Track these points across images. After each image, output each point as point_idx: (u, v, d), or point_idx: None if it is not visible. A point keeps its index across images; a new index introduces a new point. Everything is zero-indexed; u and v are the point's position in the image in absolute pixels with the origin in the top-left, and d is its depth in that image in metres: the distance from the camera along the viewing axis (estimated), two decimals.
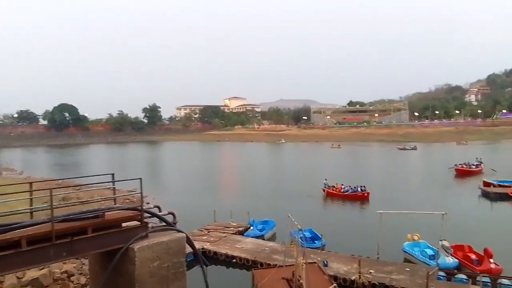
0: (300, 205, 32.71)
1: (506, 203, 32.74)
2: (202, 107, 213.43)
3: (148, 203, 17.74)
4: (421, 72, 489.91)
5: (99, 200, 15.06)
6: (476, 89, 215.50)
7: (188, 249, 11.92)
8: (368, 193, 34.57)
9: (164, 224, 11.52)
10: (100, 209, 10.57)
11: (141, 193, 11.53)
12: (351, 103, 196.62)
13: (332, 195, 36.53)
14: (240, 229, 24.30)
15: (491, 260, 17.26)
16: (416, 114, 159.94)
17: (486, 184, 37.15)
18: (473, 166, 51.37)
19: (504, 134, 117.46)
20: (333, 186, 37.49)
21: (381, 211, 19.05)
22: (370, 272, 16.25)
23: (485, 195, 35.27)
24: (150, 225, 11.25)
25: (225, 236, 22.55)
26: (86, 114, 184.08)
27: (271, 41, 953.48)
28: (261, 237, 23.16)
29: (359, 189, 35.45)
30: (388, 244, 20.34)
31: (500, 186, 36.04)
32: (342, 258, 18.42)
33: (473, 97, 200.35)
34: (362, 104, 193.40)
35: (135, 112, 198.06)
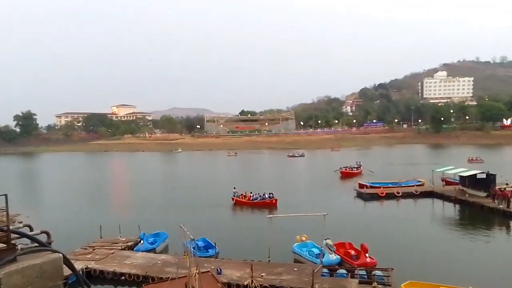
0: (197, 215, 32.38)
1: (377, 202, 37.03)
2: (86, 115, 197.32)
3: (21, 222, 15.63)
4: (306, 85, 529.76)
5: None
6: (351, 101, 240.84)
7: (68, 271, 10.73)
8: (276, 200, 35.37)
9: (36, 245, 10.17)
10: None
11: (6, 211, 10.01)
12: (243, 112, 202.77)
13: (241, 203, 36.52)
14: (130, 243, 22.96)
15: (367, 255, 19.26)
16: (302, 123, 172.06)
17: (361, 186, 41.55)
18: (354, 169, 58.36)
19: (374, 140, 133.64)
20: (242, 195, 37.46)
21: (270, 216, 19.89)
22: (262, 276, 16.73)
23: (360, 195, 39.39)
24: (19, 246, 9.82)
25: (113, 253, 21.03)
26: None
27: (163, 48, 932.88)
28: (152, 250, 22.18)
29: (267, 196, 36.07)
30: (280, 247, 21.27)
31: (372, 187, 40.68)
32: (235, 264, 18.63)
33: (348, 108, 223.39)
34: (253, 113, 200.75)
35: (5, 120, 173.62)
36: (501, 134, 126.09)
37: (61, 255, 10.21)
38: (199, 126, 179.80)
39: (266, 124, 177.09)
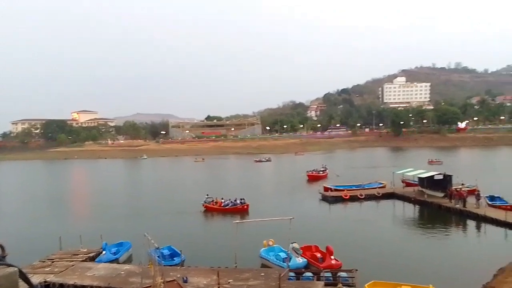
0: (162, 223, 31.76)
1: (341, 204, 37.85)
2: (44, 121, 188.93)
3: None
4: (271, 90, 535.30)
5: None
6: (315, 106, 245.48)
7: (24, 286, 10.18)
8: (247, 205, 35.18)
9: None
10: None
11: None
12: (209, 118, 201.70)
13: (212, 210, 36.00)
14: (91, 254, 22.14)
15: (332, 257, 19.60)
16: (268, 128, 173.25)
17: (326, 189, 42.31)
18: (321, 172, 59.52)
19: (337, 144, 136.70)
20: (213, 201, 36.92)
21: (236, 222, 19.85)
22: (229, 282, 16.63)
23: (325, 198, 40.09)
24: None
25: (73, 265, 20.21)
26: None
27: (126, 52, 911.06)
28: (115, 260, 21.51)
29: (238, 201, 35.77)
30: (247, 252, 21.29)
31: (336, 190, 41.53)
32: (201, 271, 18.41)
33: (313, 113, 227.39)
34: (219, 118, 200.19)
35: None
36: (456, 137, 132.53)
37: (16, 269, 9.64)
38: (164, 132, 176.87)
39: (232, 129, 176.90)
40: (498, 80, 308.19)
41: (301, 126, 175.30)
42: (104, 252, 22.37)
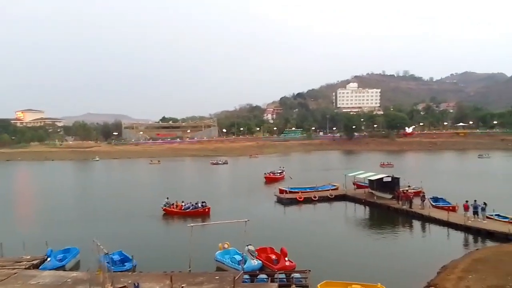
0: (114, 228, 30.68)
1: (296, 206, 38.53)
2: None
3: None
4: (228, 92, 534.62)
5: None
6: (272, 109, 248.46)
7: None
8: (209, 208, 34.58)
9: None
10: None
11: None
12: (164, 119, 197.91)
13: (172, 213, 35.02)
14: (35, 262, 20.89)
15: (286, 258, 19.87)
16: (224, 130, 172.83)
17: (281, 191, 42.86)
18: (278, 174, 60.92)
19: (293, 147, 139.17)
20: (173, 204, 35.97)
21: (191, 225, 19.59)
22: (182, 287, 16.34)
23: (280, 201, 40.62)
24: None
25: (16, 273, 18.96)
26: None
27: (77, 49, 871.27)
28: (61, 267, 20.43)
29: (199, 205, 35.07)
30: (202, 256, 21.06)
31: (291, 192, 42.20)
32: (154, 276, 17.94)
33: (269, 116, 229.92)
34: (175, 120, 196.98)
35: None
36: (404, 141, 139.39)
37: None
38: (116, 133, 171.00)
39: (189, 131, 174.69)
40: (442, 88, 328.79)
41: (258, 129, 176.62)
42: (49, 259, 21.16)
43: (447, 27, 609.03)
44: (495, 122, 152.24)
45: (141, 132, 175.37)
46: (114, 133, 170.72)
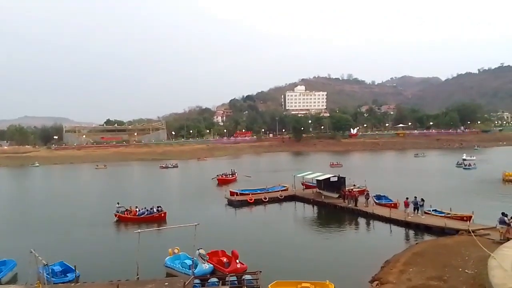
0: (56, 237, 28.90)
1: (247, 208, 38.69)
2: None
3: None
4: (177, 94, 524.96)
5: None
6: (222, 111, 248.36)
7: None
8: (165, 213, 33.47)
9: None
10: None
11: None
12: (108, 122, 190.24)
13: (126, 219, 33.41)
14: None
15: (238, 261, 19.89)
16: (173, 133, 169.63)
17: (232, 193, 42.86)
18: (230, 175, 61.23)
19: (243, 149, 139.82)
20: (127, 210, 34.40)
21: (139, 231, 19.02)
22: None
23: (231, 203, 40.59)
24: None
25: None
26: None
27: (9, 47, 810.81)
28: None
29: (155, 210, 33.86)
30: (151, 262, 20.51)
31: (241, 194, 42.35)
32: (99, 286, 17.18)
33: (219, 118, 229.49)
34: (120, 123, 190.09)
35: None
36: (349, 142, 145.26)
37: None
38: (56, 137, 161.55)
39: (136, 134, 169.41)
40: (383, 91, 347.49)
41: (208, 131, 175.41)
42: None
43: (388, 33, 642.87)
44: (431, 123, 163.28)
45: (84, 136, 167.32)
46: (54, 137, 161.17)
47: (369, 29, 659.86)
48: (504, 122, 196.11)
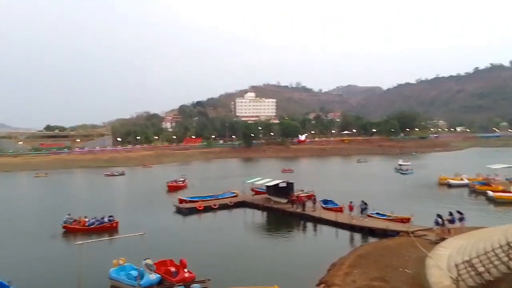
0: None
1: (196, 215, 38.20)
2: None
3: None
4: (124, 100, 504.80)
5: None
6: (171, 117, 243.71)
7: None
8: (117, 223, 32.19)
9: None
10: None
11: None
12: (49, 128, 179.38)
13: (76, 230, 31.66)
14: None
15: (186, 269, 19.57)
16: (119, 139, 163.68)
17: (181, 201, 42.14)
18: (180, 182, 60.22)
19: (193, 156, 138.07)
20: (76, 220, 32.68)
21: (80, 243, 18.16)
22: None
23: (180, 211, 39.89)
24: None
25: None
26: None
27: None
28: None
29: (106, 219, 32.40)
30: (95, 275, 19.66)
31: (191, 201, 41.79)
32: None
33: (168, 124, 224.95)
34: (62, 128, 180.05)
35: None
36: (297, 148, 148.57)
37: None
38: None
39: (78, 140, 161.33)
40: (329, 99, 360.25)
41: (156, 137, 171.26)
42: None
43: (332, 44, 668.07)
44: (374, 130, 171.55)
45: (21, 142, 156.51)
46: None
47: (317, 39, 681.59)
48: (439, 129, 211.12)
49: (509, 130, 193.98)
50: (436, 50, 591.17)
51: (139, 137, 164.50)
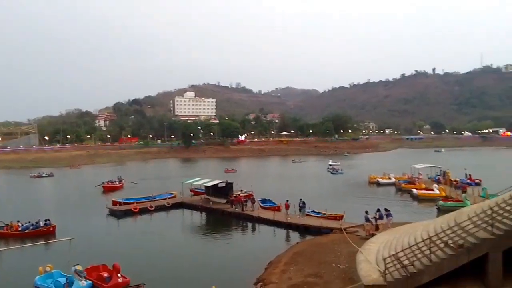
0: None
1: (131, 218, 36.80)
2: None
3: None
4: (52, 96, 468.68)
5: None
6: (105, 115, 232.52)
7: None
8: (54, 227, 30.13)
9: None
10: None
11: None
12: None
13: (7, 235, 29.21)
14: None
15: (119, 274, 18.79)
16: (47, 138, 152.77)
17: (114, 203, 40.27)
18: (116, 182, 58.76)
19: (128, 156, 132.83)
20: (7, 225, 30.19)
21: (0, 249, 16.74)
22: None
23: (113, 213, 38.13)
24: None
25: None
26: None
27: None
28: None
29: (42, 223, 30.20)
30: (19, 283, 18.41)
31: (125, 203, 40.15)
32: None
33: (102, 123, 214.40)
34: None
35: None
36: (237, 148, 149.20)
37: None
38: None
39: (0, 139, 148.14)
40: (268, 101, 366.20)
41: (88, 136, 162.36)
42: None
43: (273, 47, 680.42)
44: (310, 131, 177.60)
45: None
46: None
47: (258, 40, 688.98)
48: (370, 131, 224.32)
49: (431, 132, 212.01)
50: (368, 58, 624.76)
51: (69, 136, 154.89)
